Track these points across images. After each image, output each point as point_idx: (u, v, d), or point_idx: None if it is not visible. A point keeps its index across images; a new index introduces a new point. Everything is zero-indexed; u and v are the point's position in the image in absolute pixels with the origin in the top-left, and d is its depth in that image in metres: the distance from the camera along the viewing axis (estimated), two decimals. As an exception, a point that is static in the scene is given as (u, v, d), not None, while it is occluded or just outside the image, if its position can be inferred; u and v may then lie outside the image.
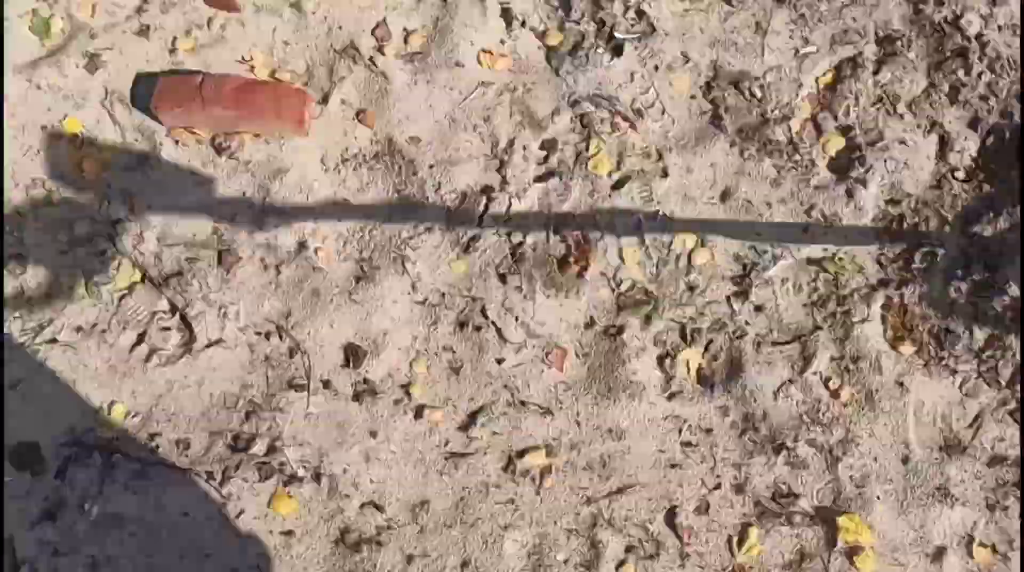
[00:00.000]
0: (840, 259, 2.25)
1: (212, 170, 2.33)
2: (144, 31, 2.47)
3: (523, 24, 2.53)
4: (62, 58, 2.41)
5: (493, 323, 2.19)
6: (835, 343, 2.18)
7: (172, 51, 2.46)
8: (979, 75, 2.43)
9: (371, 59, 2.45)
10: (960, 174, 2.33)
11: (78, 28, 2.47)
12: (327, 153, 2.36)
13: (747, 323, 2.20)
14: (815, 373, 2.22)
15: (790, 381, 2.23)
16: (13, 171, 2.31)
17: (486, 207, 2.28)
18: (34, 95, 2.39)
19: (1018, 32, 2.50)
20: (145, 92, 2.37)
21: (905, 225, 2.25)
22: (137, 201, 2.30)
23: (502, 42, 2.51)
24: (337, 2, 2.50)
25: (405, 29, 2.51)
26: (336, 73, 2.46)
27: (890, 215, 2.28)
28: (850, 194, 2.31)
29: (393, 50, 2.47)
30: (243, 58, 2.46)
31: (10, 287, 2.23)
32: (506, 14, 2.54)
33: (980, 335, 2.18)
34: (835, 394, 2.20)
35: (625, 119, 2.41)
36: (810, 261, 2.26)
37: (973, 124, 2.40)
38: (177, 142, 2.35)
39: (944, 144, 2.37)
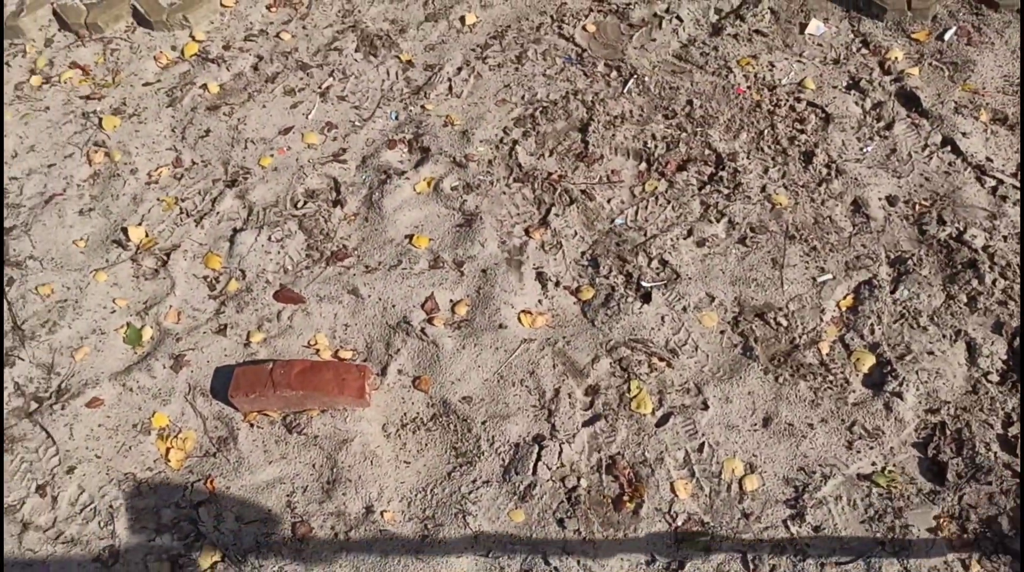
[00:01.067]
0: (890, 472, 2.36)
1: (284, 447, 2.62)
2: (222, 330, 2.88)
3: (557, 284, 2.87)
4: (151, 362, 2.81)
5: (556, 569, 2.31)
6: (897, 557, 2.24)
7: (246, 344, 2.85)
8: (993, 282, 2.65)
9: (422, 330, 2.79)
10: (994, 377, 2.47)
11: (165, 334, 2.89)
12: (388, 420, 2.64)
13: (808, 545, 2.29)
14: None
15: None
16: (108, 468, 2.62)
17: (539, 455, 2.49)
18: (127, 397, 2.76)
19: (1022, 239, 2.74)
20: (223, 383, 2.72)
21: (948, 432, 2.38)
22: (217, 483, 2.57)
23: (540, 302, 2.84)
24: (389, 284, 2.89)
25: (451, 301, 2.87)
26: (392, 346, 2.79)
27: (931, 424, 2.41)
28: (888, 407, 2.46)
29: (442, 320, 2.82)
30: (308, 343, 2.82)
31: (102, 576, 2.46)
32: (541, 277, 2.89)
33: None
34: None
35: (661, 359, 2.66)
36: (860, 476, 2.37)
37: (997, 328, 2.58)
38: (252, 425, 2.66)
39: (972, 350, 2.54)
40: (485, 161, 3.29)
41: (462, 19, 3.70)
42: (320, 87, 3.63)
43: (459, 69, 3.57)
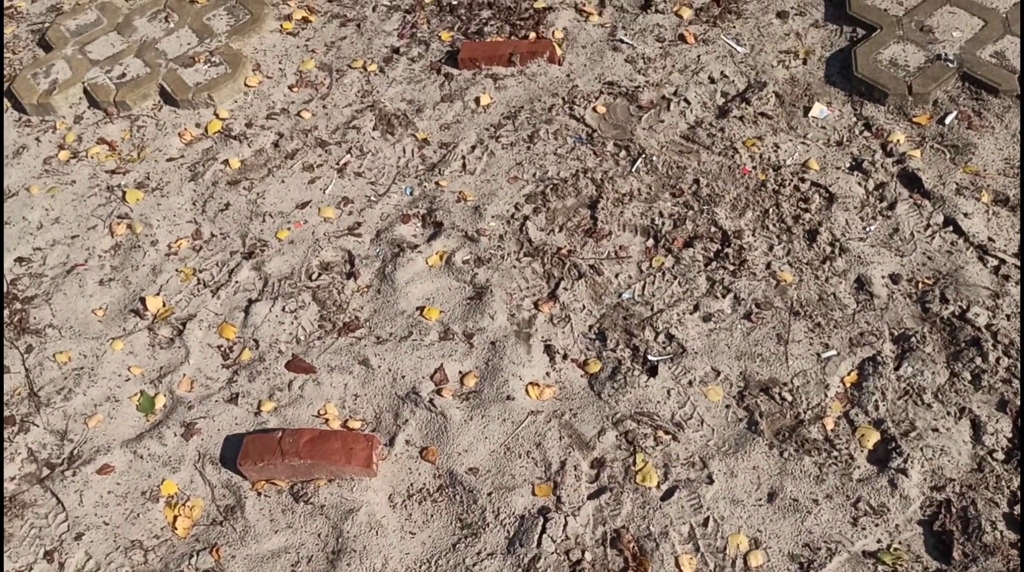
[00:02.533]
0: (895, 549, 2.37)
1: (291, 516, 2.66)
2: (233, 398, 2.95)
3: (565, 357, 2.94)
4: (163, 429, 2.88)
5: (558, 643, 2.33)
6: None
7: (257, 413, 2.92)
8: (997, 360, 2.70)
9: (431, 401, 2.85)
10: (999, 455, 2.50)
11: (178, 402, 2.97)
12: (394, 490, 2.69)
13: (813, 623, 2.30)
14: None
15: None
16: (115, 535, 2.67)
17: (543, 528, 2.52)
18: (137, 464, 2.82)
19: (1025, 317, 2.80)
20: (232, 452, 2.78)
21: (954, 510, 2.40)
22: (222, 551, 2.61)
23: (547, 374, 2.91)
24: (400, 355, 2.97)
25: (460, 372, 2.94)
26: (400, 416, 2.86)
27: (936, 501, 2.44)
28: (893, 484, 2.49)
29: (450, 391, 2.88)
30: (318, 412, 2.89)
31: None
32: (549, 349, 2.96)
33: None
34: None
35: (667, 432, 2.71)
36: (866, 554, 2.39)
37: (1001, 406, 2.61)
38: (260, 494, 2.71)
39: (977, 428, 2.58)
40: (496, 236, 3.39)
41: (477, 100, 3.86)
42: (338, 163, 3.77)
43: (473, 147, 3.71)
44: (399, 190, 3.63)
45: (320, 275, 3.38)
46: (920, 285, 2.97)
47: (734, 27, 3.91)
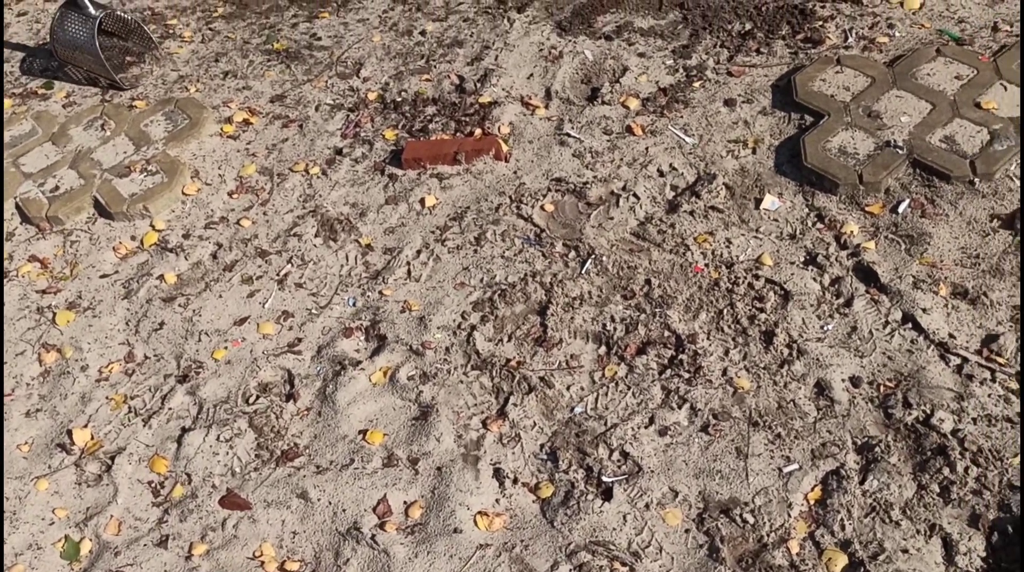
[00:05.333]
0: None
1: None
2: (163, 541, 2.81)
3: (515, 481, 2.82)
4: (86, 580, 2.72)
5: None
6: None
7: (188, 557, 2.77)
8: (966, 470, 2.60)
9: (373, 537, 2.72)
10: (973, 577, 2.39)
11: (104, 547, 2.81)
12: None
13: None
14: None
15: None
16: None
17: None
18: (57, 622, 2.65)
19: (994, 423, 2.71)
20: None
21: (928, 643, 2.27)
22: None
23: (497, 501, 2.78)
24: (341, 485, 2.84)
25: (404, 502, 2.81)
26: (341, 556, 2.72)
27: (909, 634, 2.31)
28: (863, 615, 2.36)
29: (394, 525, 2.75)
30: (254, 554, 2.74)
31: None
32: (498, 473, 2.84)
33: None
34: None
35: (623, 564, 2.58)
36: None
37: (973, 521, 2.51)
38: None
39: (949, 547, 2.47)
40: (442, 348, 3.29)
41: (422, 201, 3.79)
42: (278, 274, 3.67)
43: (418, 252, 3.63)
44: (341, 301, 3.53)
45: (258, 398, 3.26)
46: (882, 388, 2.88)
47: (681, 117, 3.88)
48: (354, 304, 3.52)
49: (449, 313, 3.40)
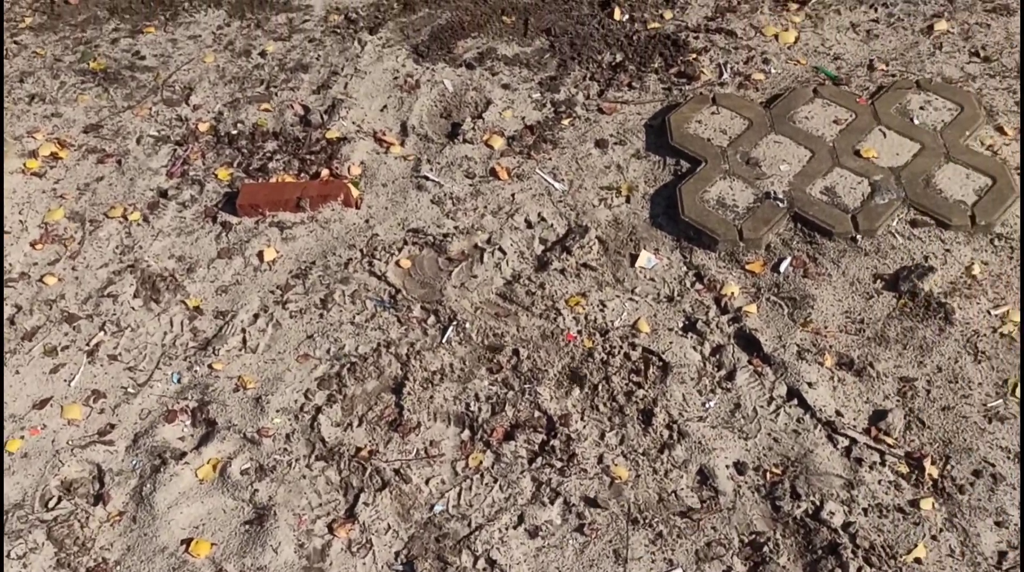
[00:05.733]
0: None
1: None
2: None
3: (365, 602, 2.43)
4: None
5: None
6: None
7: None
8: (859, 570, 2.37)
9: None
10: None
11: None
12: None
13: None
14: None
15: None
16: None
17: None
18: None
19: (885, 513, 2.51)
20: None
21: None
22: None
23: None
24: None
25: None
26: None
27: None
28: None
29: (220, 667, 2.31)
30: None
31: None
32: (346, 593, 2.44)
33: None
34: None
35: None
36: None
37: (869, 631, 2.28)
38: None
39: (844, 665, 2.23)
40: (282, 436, 2.86)
41: (260, 255, 3.34)
42: (88, 344, 3.15)
43: (255, 317, 3.18)
44: (164, 377, 3.05)
45: (59, 501, 2.76)
46: (768, 475, 2.64)
47: (550, 159, 3.57)
48: (179, 380, 3.05)
49: (290, 392, 2.97)
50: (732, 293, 3.08)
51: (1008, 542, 2.47)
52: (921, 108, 3.46)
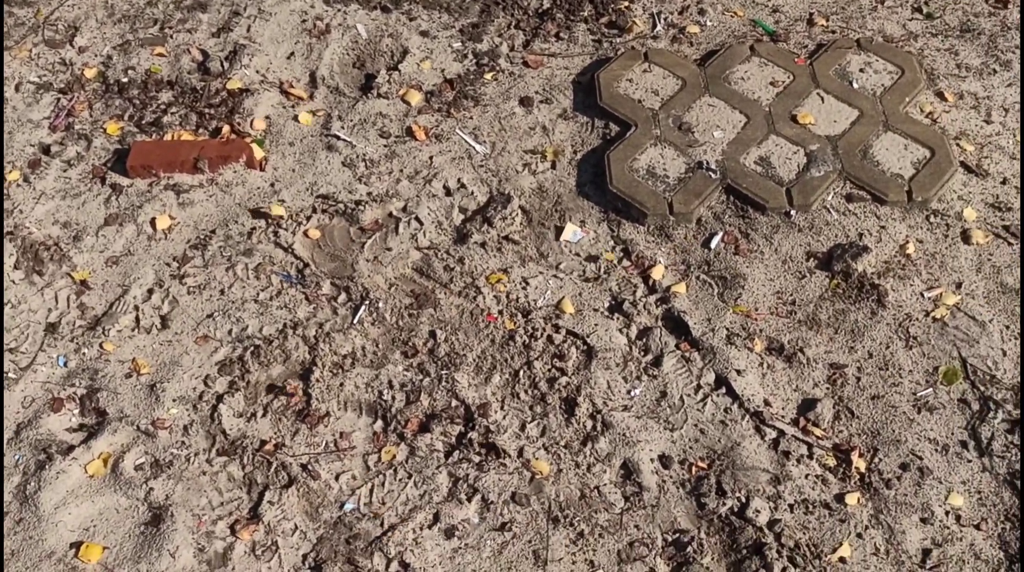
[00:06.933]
0: None
1: None
2: None
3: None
4: None
5: None
6: None
7: None
8: (783, 571, 2.32)
9: None
10: None
11: None
12: None
13: None
14: None
15: None
16: None
17: None
18: None
19: (811, 509, 2.46)
20: None
21: None
22: None
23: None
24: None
25: (127, 653, 2.23)
26: None
27: None
28: None
29: None
30: None
31: None
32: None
33: None
34: None
35: None
36: None
37: (791, 634, 2.25)
38: None
39: (765, 672, 2.19)
40: (180, 427, 2.68)
41: (153, 223, 3.08)
42: (-38, 323, 2.87)
43: (149, 292, 2.95)
44: (49, 360, 2.81)
45: (-67, 504, 2.53)
46: (694, 469, 2.57)
47: (471, 118, 3.35)
48: (65, 364, 2.82)
49: (188, 378, 2.77)
50: (661, 271, 2.97)
51: (932, 539, 2.44)
52: (861, 71, 3.32)
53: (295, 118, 3.38)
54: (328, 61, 3.56)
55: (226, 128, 3.33)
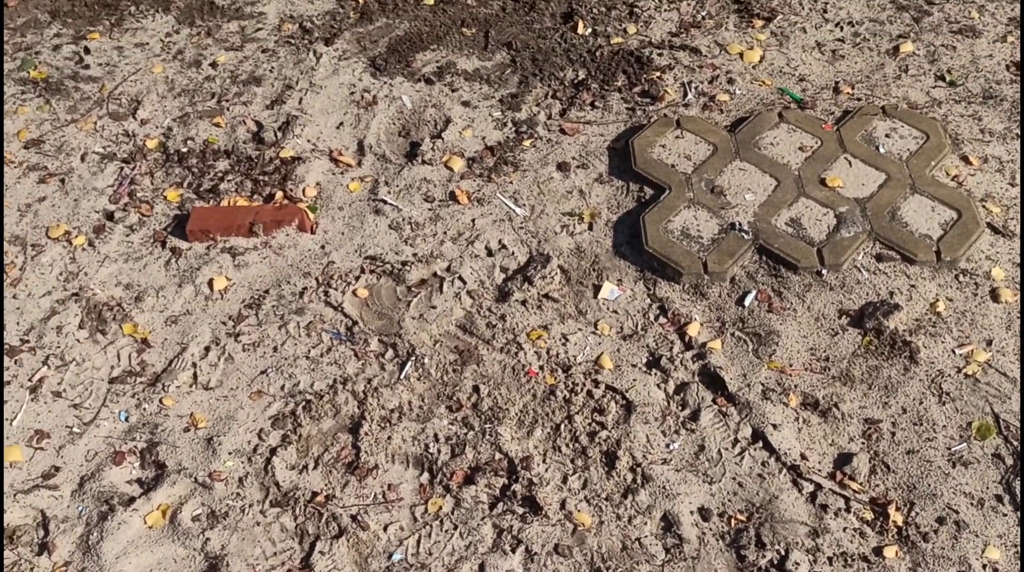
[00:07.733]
0: None
1: None
2: None
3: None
4: None
5: None
6: None
7: None
8: (822, 622, 2.36)
9: None
10: None
11: None
12: None
13: None
14: None
15: None
16: None
17: None
18: None
19: (850, 563, 2.49)
20: None
21: None
22: None
23: None
24: None
25: None
26: None
27: None
28: None
29: None
30: None
31: None
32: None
33: None
34: None
35: None
36: None
37: None
38: None
39: None
40: (235, 479, 2.78)
41: (211, 283, 3.23)
42: (31, 379, 3.03)
43: (206, 350, 3.08)
44: (111, 415, 2.94)
45: (2, 551, 2.64)
46: (733, 522, 2.62)
47: (511, 182, 3.49)
48: (127, 419, 2.94)
49: (243, 432, 2.88)
50: (696, 328, 3.05)
51: (970, 592, 2.47)
52: (887, 136, 3.44)
53: (345, 185, 3.54)
54: (375, 130, 3.74)
55: (279, 194, 3.50)
